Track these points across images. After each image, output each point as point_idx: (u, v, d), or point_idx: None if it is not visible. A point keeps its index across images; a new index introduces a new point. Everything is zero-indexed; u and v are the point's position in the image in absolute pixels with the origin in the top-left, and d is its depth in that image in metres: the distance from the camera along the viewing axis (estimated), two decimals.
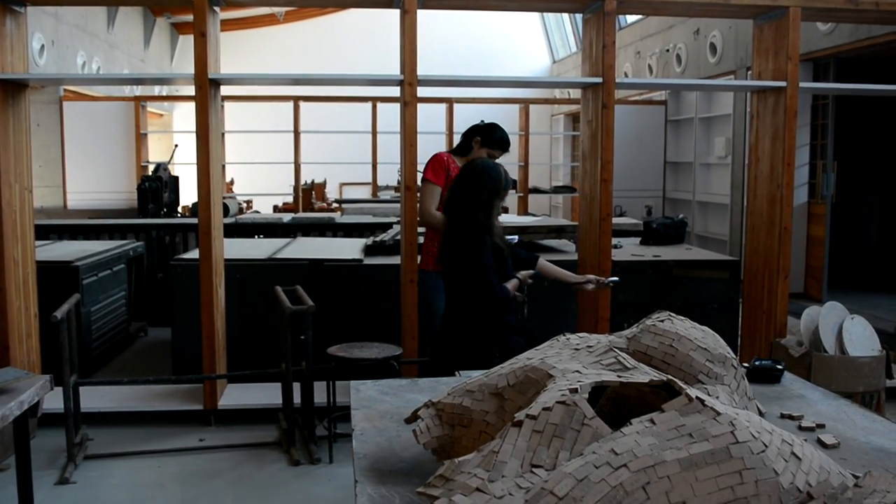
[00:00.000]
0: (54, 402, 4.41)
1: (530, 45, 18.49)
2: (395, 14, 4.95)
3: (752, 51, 5.60)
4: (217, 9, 4.95)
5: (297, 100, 11.54)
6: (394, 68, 5.01)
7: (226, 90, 7.86)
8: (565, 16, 16.53)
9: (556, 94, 15.96)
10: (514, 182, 11.91)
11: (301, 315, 4.47)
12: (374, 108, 11.84)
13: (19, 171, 4.80)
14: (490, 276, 3.66)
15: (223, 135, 10.68)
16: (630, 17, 13.39)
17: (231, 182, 13.35)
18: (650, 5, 5.53)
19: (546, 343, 1.98)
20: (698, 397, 1.46)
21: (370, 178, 12.49)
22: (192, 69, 4.73)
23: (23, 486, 3.15)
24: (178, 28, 16.75)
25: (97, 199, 10.37)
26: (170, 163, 10.55)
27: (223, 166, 11.02)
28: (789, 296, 5.47)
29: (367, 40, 15.94)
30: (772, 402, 2.33)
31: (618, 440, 1.41)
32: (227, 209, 8.50)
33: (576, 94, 12.30)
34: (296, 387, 4.64)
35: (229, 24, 15.98)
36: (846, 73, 8.58)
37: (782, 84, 5.23)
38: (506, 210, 8.76)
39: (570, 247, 6.26)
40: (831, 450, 1.93)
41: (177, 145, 11.62)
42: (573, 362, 1.78)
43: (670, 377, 1.64)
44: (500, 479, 1.42)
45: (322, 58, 16.16)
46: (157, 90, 13.56)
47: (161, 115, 14.84)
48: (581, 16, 5.38)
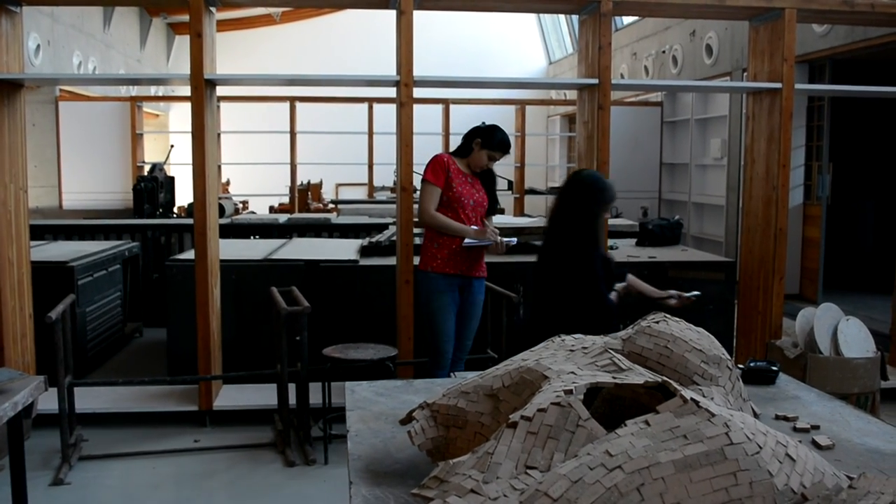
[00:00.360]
0: (49, 402, 4.40)
1: (527, 46, 18.50)
2: (391, 15, 4.96)
3: (748, 52, 5.61)
4: (213, 9, 4.94)
5: (293, 100, 11.53)
6: (390, 69, 5.01)
7: (222, 90, 7.86)
8: (562, 17, 16.53)
9: (553, 95, 15.96)
10: (511, 182, 11.92)
11: (296, 316, 4.47)
12: (370, 108, 11.84)
13: (14, 171, 4.80)
14: (601, 286, 3.72)
15: (219, 135, 10.67)
16: (626, 19, 13.39)
17: (227, 183, 13.33)
18: (646, 7, 5.54)
19: (541, 344, 1.98)
20: (693, 399, 1.46)
21: (366, 179, 12.49)
22: (188, 69, 4.73)
23: (17, 487, 3.14)
24: (175, 28, 16.72)
25: (93, 199, 10.35)
26: (165, 163, 10.54)
27: (219, 167, 10.99)
28: (784, 297, 5.48)
29: (364, 41, 15.95)
30: (767, 404, 2.33)
31: (612, 441, 1.41)
32: (222, 210, 8.49)
33: (572, 95, 12.32)
34: (291, 388, 4.64)
35: (225, 25, 15.97)
36: (842, 75, 8.59)
37: (778, 85, 5.24)
38: (501, 211, 8.76)
39: None
40: (826, 451, 1.93)
41: (172, 146, 11.60)
42: (568, 363, 1.78)
43: (665, 378, 1.64)
44: (494, 481, 1.42)
45: (318, 58, 16.15)
46: (153, 90, 13.53)
47: (157, 115, 14.82)
48: (577, 17, 5.39)
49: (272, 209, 12.16)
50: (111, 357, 6.44)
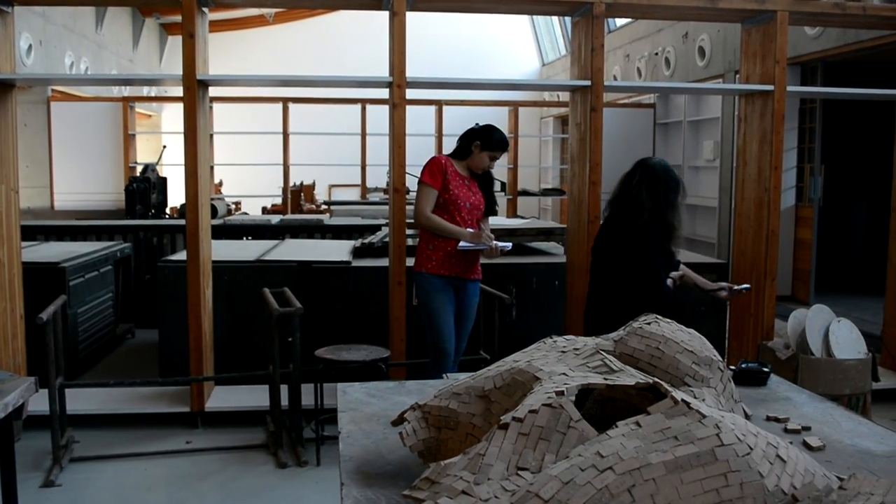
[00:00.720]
0: (40, 404, 4.38)
1: (520, 47, 18.51)
2: (384, 16, 4.95)
3: (740, 54, 5.63)
4: (206, 10, 4.94)
5: (286, 101, 11.51)
6: (383, 70, 5.01)
7: (215, 91, 7.84)
8: (555, 19, 16.55)
9: (546, 96, 15.99)
10: (504, 184, 11.92)
11: (289, 317, 4.46)
12: (363, 109, 11.82)
13: (6, 171, 4.78)
14: (661, 273, 3.79)
15: (212, 136, 10.65)
16: (619, 21, 13.41)
17: (220, 183, 13.31)
18: (639, 9, 5.55)
19: (533, 345, 1.98)
20: (684, 400, 1.47)
21: (359, 181, 12.47)
22: (180, 70, 4.72)
23: (7, 489, 3.13)
24: (167, 29, 16.69)
25: (85, 200, 10.32)
26: (158, 164, 10.51)
27: (211, 168, 10.99)
28: (776, 298, 5.50)
29: (357, 42, 15.93)
30: (758, 405, 2.33)
31: (603, 443, 1.41)
32: (215, 211, 8.48)
33: (565, 96, 12.32)
34: (283, 389, 4.63)
35: (218, 25, 15.94)
36: (834, 77, 8.62)
37: (770, 88, 5.25)
38: (495, 213, 8.75)
39: (559, 249, 6.27)
40: (817, 452, 1.93)
41: (165, 146, 11.58)
42: (560, 365, 1.78)
43: (656, 380, 1.64)
44: (485, 482, 1.42)
45: (311, 59, 16.14)
46: (145, 91, 13.50)
47: (149, 115, 14.78)
48: (570, 19, 5.39)
49: (265, 210, 12.14)
50: (103, 358, 6.42)
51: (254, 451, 4.61)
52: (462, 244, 4.38)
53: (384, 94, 5.11)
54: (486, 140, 4.47)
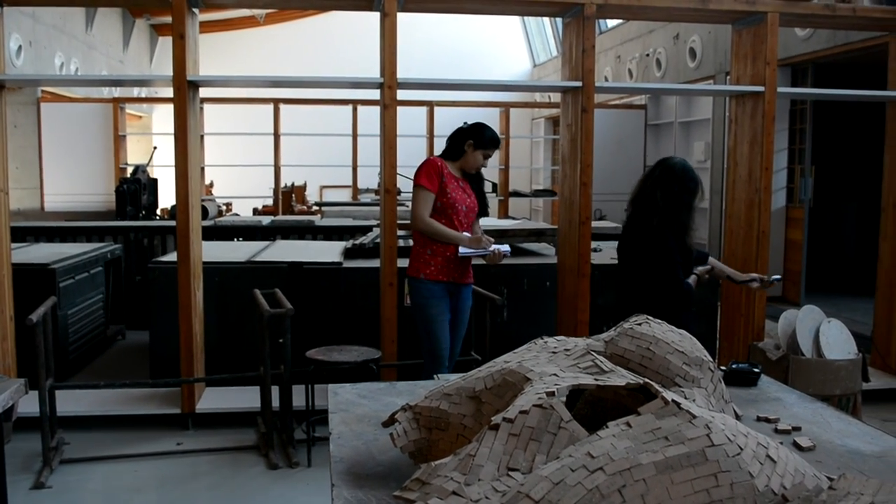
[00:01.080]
0: (30, 405, 4.36)
1: (511, 48, 18.52)
2: (375, 17, 4.95)
3: (731, 56, 5.64)
4: (196, 10, 4.93)
5: (277, 102, 11.50)
6: (374, 71, 5.01)
7: (205, 92, 7.82)
8: (546, 20, 16.57)
9: (537, 97, 16.00)
10: (495, 185, 11.93)
11: (280, 318, 4.45)
12: (354, 110, 11.81)
13: None
14: (678, 272, 3.80)
15: (202, 137, 10.63)
16: (610, 22, 13.44)
17: (210, 184, 13.27)
18: (630, 10, 5.56)
19: (524, 346, 1.98)
20: (674, 400, 1.47)
21: (350, 181, 12.46)
22: (171, 71, 4.71)
23: None
24: (158, 29, 16.64)
25: (75, 201, 10.28)
26: (148, 165, 10.49)
27: (202, 169, 10.97)
28: (767, 299, 5.51)
29: (348, 43, 15.90)
30: (748, 405, 2.34)
31: (594, 443, 1.41)
32: (206, 212, 8.46)
33: (556, 97, 12.33)
34: (274, 390, 4.62)
35: (209, 26, 15.91)
36: (824, 79, 8.65)
37: (760, 89, 5.27)
38: (486, 214, 8.75)
39: (550, 250, 6.27)
40: (807, 452, 1.94)
41: (155, 147, 11.55)
42: (550, 365, 1.78)
43: (647, 380, 1.64)
44: (476, 483, 1.42)
45: (302, 60, 16.11)
46: (135, 92, 13.46)
47: (140, 116, 14.74)
48: (561, 20, 5.40)
49: (256, 211, 12.12)
50: (93, 360, 6.40)
51: (245, 453, 4.60)
52: (463, 250, 4.34)
53: (375, 94, 5.11)
54: (478, 138, 4.43)
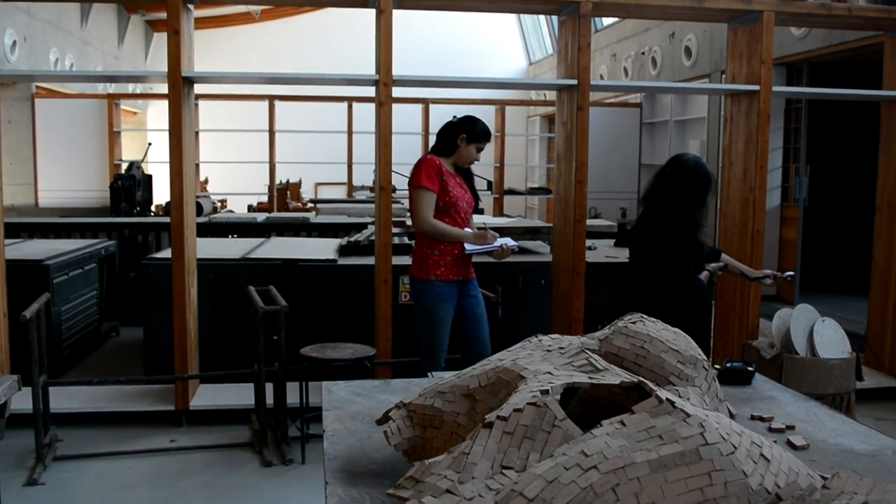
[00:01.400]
0: (23, 402, 4.35)
1: (507, 46, 18.52)
2: (371, 14, 4.94)
3: (727, 54, 5.64)
4: (191, 6, 4.91)
5: (272, 99, 11.48)
6: (370, 68, 5.00)
7: (201, 88, 7.82)
8: (542, 18, 16.57)
9: (533, 95, 16.00)
10: (490, 183, 11.93)
11: (274, 315, 4.45)
12: (349, 107, 11.81)
13: None
14: (689, 268, 3.80)
15: (197, 133, 10.60)
16: (606, 20, 13.44)
17: (205, 181, 13.26)
18: (625, 8, 5.56)
19: (518, 344, 1.98)
20: (668, 399, 1.47)
21: (345, 179, 12.46)
22: (166, 67, 4.70)
23: None
24: (153, 25, 16.61)
25: (69, 197, 10.26)
26: (143, 161, 10.46)
27: (197, 165, 10.93)
28: (761, 298, 5.51)
29: (344, 40, 15.89)
30: (742, 404, 2.34)
31: (588, 442, 1.41)
32: (200, 208, 8.44)
33: (552, 95, 12.34)
34: (268, 387, 4.62)
35: (205, 22, 15.87)
36: (819, 78, 8.65)
37: (755, 88, 5.27)
38: (481, 211, 8.75)
39: (545, 248, 6.27)
40: (800, 451, 1.94)
41: (150, 143, 11.53)
42: (545, 364, 1.78)
43: (641, 379, 1.64)
44: (470, 481, 1.42)
45: (298, 57, 16.09)
46: (130, 88, 13.44)
47: (135, 112, 14.72)
48: (557, 18, 5.40)
49: (251, 208, 12.11)
50: (87, 356, 6.38)
51: (239, 450, 4.59)
52: (470, 247, 4.31)
53: (371, 92, 5.10)
54: (470, 132, 4.38)
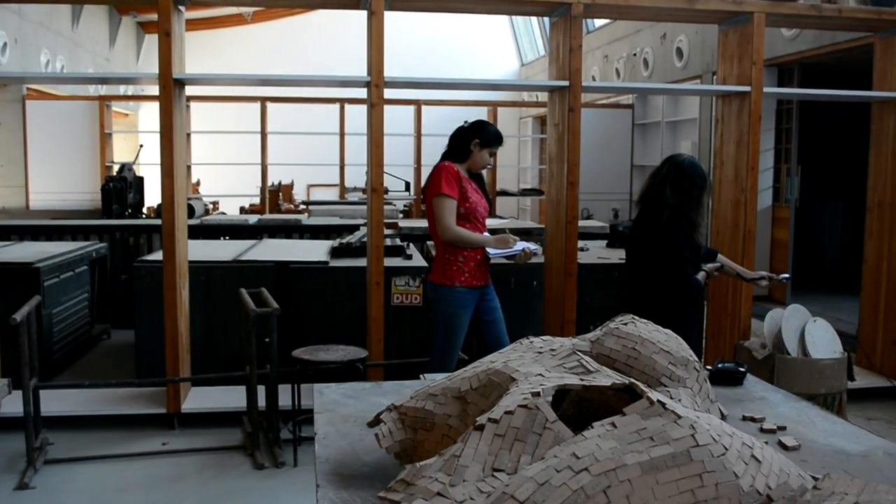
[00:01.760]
0: (13, 405, 4.34)
1: (499, 47, 18.54)
2: (362, 15, 4.94)
3: (718, 56, 5.65)
4: (182, 8, 4.90)
5: (264, 100, 11.46)
6: (361, 70, 4.99)
7: (192, 90, 7.80)
8: (534, 19, 16.58)
9: (525, 97, 16.01)
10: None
11: (266, 317, 4.44)
12: (341, 109, 11.79)
13: None
14: (686, 268, 3.80)
15: (189, 135, 10.58)
16: (598, 21, 13.46)
17: (197, 183, 13.22)
18: (617, 9, 5.56)
19: (510, 346, 1.98)
20: (660, 400, 1.47)
21: (338, 180, 12.44)
22: (157, 69, 4.68)
23: None
24: (144, 27, 16.57)
25: (60, 199, 10.22)
26: (135, 163, 10.43)
27: (188, 167, 10.92)
28: (753, 298, 5.52)
29: (335, 41, 15.88)
30: (734, 405, 2.34)
31: (579, 444, 1.40)
32: (192, 210, 8.42)
33: (544, 97, 12.35)
34: (260, 390, 4.61)
35: (196, 24, 15.84)
36: (810, 79, 8.69)
37: (747, 89, 5.28)
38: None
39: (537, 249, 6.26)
40: (792, 452, 1.94)
41: (142, 145, 11.49)
42: (536, 365, 1.78)
43: (632, 380, 1.64)
44: (461, 484, 1.42)
45: (289, 58, 16.06)
46: (122, 90, 13.39)
47: (126, 114, 14.68)
48: (549, 19, 5.40)
49: (242, 210, 12.07)
50: (78, 359, 6.36)
51: (231, 453, 4.58)
52: (493, 252, 4.29)
53: (362, 93, 5.09)
54: (483, 137, 4.36)
